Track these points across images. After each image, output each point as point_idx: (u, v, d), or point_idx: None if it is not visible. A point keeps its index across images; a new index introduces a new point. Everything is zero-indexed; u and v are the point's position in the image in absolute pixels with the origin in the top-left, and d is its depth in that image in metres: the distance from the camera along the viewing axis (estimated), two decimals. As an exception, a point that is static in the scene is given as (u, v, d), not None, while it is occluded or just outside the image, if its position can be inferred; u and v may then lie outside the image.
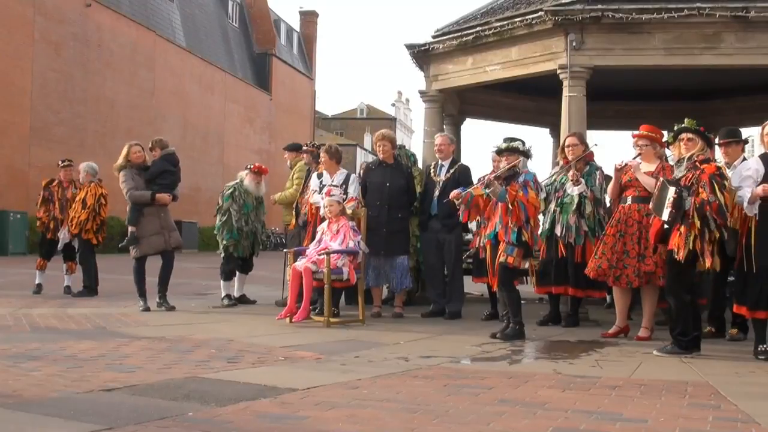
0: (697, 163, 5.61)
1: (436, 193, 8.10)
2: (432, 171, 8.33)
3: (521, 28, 8.83)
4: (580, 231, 7.20)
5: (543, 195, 6.99)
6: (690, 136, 5.74)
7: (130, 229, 8.14)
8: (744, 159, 6.37)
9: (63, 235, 10.01)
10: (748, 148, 7.33)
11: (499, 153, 6.66)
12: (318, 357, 5.30)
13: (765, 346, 5.47)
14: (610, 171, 7.14)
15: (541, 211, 6.99)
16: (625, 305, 6.71)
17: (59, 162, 10.58)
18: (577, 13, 8.18)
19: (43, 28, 24.47)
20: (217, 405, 3.67)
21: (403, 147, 9.73)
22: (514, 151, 6.47)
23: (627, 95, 11.86)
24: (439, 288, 8.27)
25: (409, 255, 8.14)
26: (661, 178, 5.90)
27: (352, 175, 8.15)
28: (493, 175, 6.47)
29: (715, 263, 5.56)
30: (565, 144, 7.52)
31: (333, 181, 7.91)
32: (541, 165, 21.92)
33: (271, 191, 9.76)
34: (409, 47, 10.07)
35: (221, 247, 8.91)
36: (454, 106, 11.20)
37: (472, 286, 9.24)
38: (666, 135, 7.04)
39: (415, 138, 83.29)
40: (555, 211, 7.34)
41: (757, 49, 8.08)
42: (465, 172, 8.17)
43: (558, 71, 8.43)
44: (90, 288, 9.75)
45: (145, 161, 8.41)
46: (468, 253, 8.63)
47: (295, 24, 48.84)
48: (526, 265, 7.33)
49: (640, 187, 6.44)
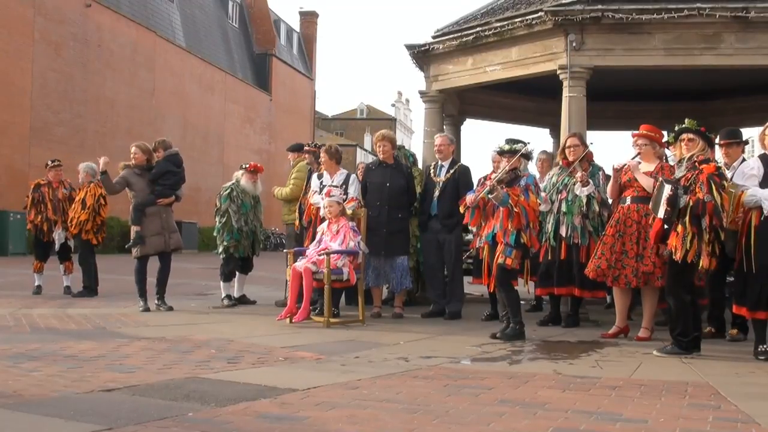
0: (696, 163, 5.62)
1: (436, 193, 8.11)
2: (432, 171, 8.33)
3: (521, 29, 8.83)
4: (585, 231, 7.20)
5: (542, 196, 6.97)
6: (691, 136, 5.74)
7: (135, 229, 8.15)
8: (743, 160, 6.37)
9: (58, 236, 9.98)
10: (747, 148, 7.32)
11: (501, 154, 6.66)
12: (318, 357, 5.30)
13: (765, 346, 5.48)
14: (607, 170, 7.15)
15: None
16: (624, 306, 6.70)
17: (48, 162, 10.50)
18: (577, 14, 8.18)
19: (43, 28, 24.47)
20: (217, 405, 3.67)
21: (403, 147, 9.73)
22: (515, 153, 6.47)
23: (627, 95, 11.86)
24: (439, 288, 8.27)
25: (409, 255, 8.14)
26: (660, 178, 5.90)
27: (352, 176, 8.14)
28: (496, 179, 6.43)
29: (711, 263, 5.56)
30: (566, 144, 7.51)
31: (333, 181, 7.91)
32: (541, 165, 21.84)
33: (268, 190, 9.76)
34: (409, 47, 10.07)
35: (220, 249, 8.89)
36: (454, 107, 11.20)
37: (473, 287, 9.23)
38: (666, 135, 7.05)
39: (415, 138, 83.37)
40: (559, 212, 7.32)
41: (757, 49, 8.09)
42: (465, 172, 8.17)
43: (558, 71, 8.43)
44: (90, 288, 9.74)
45: (150, 161, 8.41)
46: (468, 253, 8.63)
47: (295, 24, 48.87)
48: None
49: (639, 187, 6.44)
